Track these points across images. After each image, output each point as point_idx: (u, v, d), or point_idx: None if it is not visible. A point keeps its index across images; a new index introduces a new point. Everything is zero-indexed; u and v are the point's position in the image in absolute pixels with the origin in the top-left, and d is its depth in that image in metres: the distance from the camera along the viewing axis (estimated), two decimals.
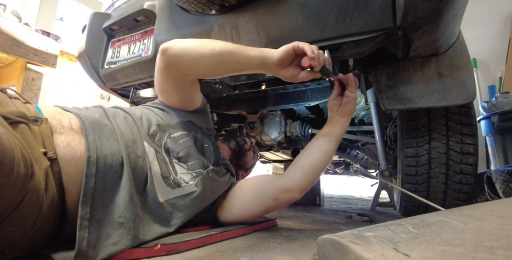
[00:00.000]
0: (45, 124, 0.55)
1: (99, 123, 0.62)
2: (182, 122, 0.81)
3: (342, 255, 0.35)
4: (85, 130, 0.58)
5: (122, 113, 0.72)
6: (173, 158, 0.72)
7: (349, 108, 0.83)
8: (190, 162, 0.75)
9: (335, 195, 3.17)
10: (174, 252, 0.58)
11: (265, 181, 0.84)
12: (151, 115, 0.77)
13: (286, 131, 1.39)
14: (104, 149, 0.58)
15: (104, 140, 0.60)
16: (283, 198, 0.80)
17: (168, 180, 0.68)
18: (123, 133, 0.65)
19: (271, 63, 0.69)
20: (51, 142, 0.53)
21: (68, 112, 0.63)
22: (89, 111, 0.67)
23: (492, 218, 0.40)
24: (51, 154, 0.51)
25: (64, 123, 0.58)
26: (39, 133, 0.52)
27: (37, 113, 0.57)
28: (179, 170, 0.72)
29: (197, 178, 0.74)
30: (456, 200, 0.96)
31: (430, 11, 0.66)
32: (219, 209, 0.82)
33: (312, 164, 0.82)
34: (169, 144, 0.73)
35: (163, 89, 0.84)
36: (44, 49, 2.02)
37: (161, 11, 1.06)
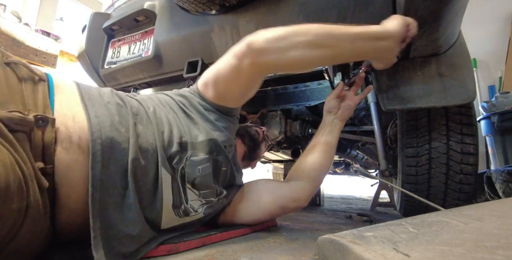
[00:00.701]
0: (50, 128, 0.46)
1: (113, 142, 0.52)
2: (206, 141, 0.67)
3: (342, 255, 0.35)
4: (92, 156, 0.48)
5: (145, 118, 0.61)
6: (187, 183, 0.64)
7: (349, 112, 0.83)
8: (203, 191, 0.67)
9: (335, 195, 3.17)
10: (174, 252, 0.58)
11: (271, 189, 0.82)
12: (175, 126, 0.64)
13: (286, 131, 1.39)
14: (109, 181, 0.50)
15: (112, 168, 0.51)
16: (291, 206, 0.80)
17: (178, 210, 0.62)
18: (138, 154, 0.54)
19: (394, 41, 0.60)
20: (52, 153, 0.46)
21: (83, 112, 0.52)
22: (109, 109, 0.56)
23: (492, 218, 0.40)
24: (49, 169, 0.45)
25: (73, 138, 0.49)
26: (41, 140, 0.45)
27: (47, 106, 0.48)
28: (190, 197, 0.64)
29: (205, 205, 0.69)
30: (456, 200, 0.96)
31: (430, 11, 0.66)
32: (222, 215, 0.80)
33: (317, 172, 0.82)
34: (186, 168, 0.63)
35: (225, 82, 0.69)
36: (44, 49, 2.02)
37: (161, 11, 1.06)
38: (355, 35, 0.60)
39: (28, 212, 0.40)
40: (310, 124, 1.45)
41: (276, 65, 0.65)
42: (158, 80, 1.16)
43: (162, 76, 1.12)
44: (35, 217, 0.42)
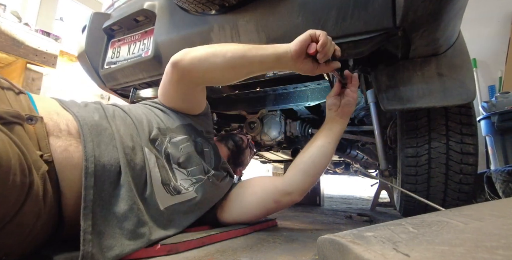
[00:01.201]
0: (40, 124, 0.52)
1: (99, 127, 0.59)
2: (182, 126, 0.78)
3: (342, 255, 0.35)
4: (83, 136, 0.55)
5: (122, 114, 0.69)
6: (173, 163, 0.70)
7: (349, 109, 0.83)
8: (190, 168, 0.73)
9: (335, 195, 3.16)
10: (174, 252, 0.58)
11: (266, 183, 0.84)
12: (152, 117, 0.74)
13: (286, 131, 1.39)
14: (102, 158, 0.55)
15: (103, 147, 0.57)
16: (284, 200, 0.81)
17: (168, 187, 0.67)
18: (123, 138, 0.62)
19: (288, 57, 0.67)
20: (47, 144, 0.50)
21: (66, 111, 0.60)
22: (88, 109, 0.64)
23: (492, 218, 0.40)
24: (47, 156, 0.49)
25: (62, 126, 0.55)
26: (34, 134, 0.50)
27: (32, 110, 0.54)
28: (179, 176, 0.70)
29: (196, 184, 0.73)
30: (456, 200, 0.96)
31: (430, 11, 0.66)
32: (219, 210, 0.82)
33: (313, 166, 0.82)
34: (169, 149, 0.70)
35: (170, 98, 0.81)
36: (44, 49, 2.02)
37: (161, 11, 1.06)
38: (263, 56, 0.69)
39: (30, 192, 0.42)
40: (310, 124, 1.45)
41: (199, 81, 0.76)
42: (158, 80, 1.15)
43: (162, 76, 1.11)
44: (36, 197, 0.44)
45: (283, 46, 0.68)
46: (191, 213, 0.72)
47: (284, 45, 0.68)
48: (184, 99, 0.81)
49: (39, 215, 0.46)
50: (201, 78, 0.75)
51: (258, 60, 0.69)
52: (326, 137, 0.83)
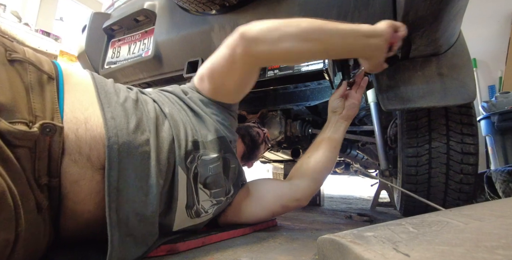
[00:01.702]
0: (58, 137, 0.42)
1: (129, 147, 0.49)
2: (215, 140, 0.68)
3: (342, 255, 0.35)
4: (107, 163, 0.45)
5: (162, 117, 0.60)
6: (199, 183, 0.63)
7: (354, 112, 0.83)
8: (214, 190, 0.66)
9: (335, 195, 3.16)
10: (174, 252, 0.58)
11: (273, 188, 0.83)
12: (188, 126, 0.64)
13: (286, 131, 1.39)
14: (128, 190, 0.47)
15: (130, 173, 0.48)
16: (291, 205, 0.82)
17: (190, 211, 0.62)
18: (160, 157, 0.53)
19: (382, 39, 0.61)
20: (58, 165, 0.42)
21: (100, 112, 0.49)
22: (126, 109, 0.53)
23: (492, 218, 0.40)
24: (55, 182, 0.42)
25: (83, 148, 0.45)
26: (47, 151, 0.41)
27: (55, 110, 0.44)
28: (201, 197, 0.64)
29: (216, 205, 0.69)
30: (457, 200, 0.96)
31: (430, 11, 0.66)
32: (222, 215, 0.80)
33: (319, 172, 0.82)
34: (199, 167, 0.62)
35: (220, 75, 0.69)
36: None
37: (161, 11, 1.06)
38: (346, 31, 0.61)
39: (20, 239, 0.36)
40: (310, 124, 1.45)
41: (268, 56, 0.64)
42: (158, 80, 1.16)
43: (162, 76, 1.12)
44: (30, 237, 0.39)
45: (368, 27, 0.61)
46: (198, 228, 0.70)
47: (369, 26, 0.61)
48: (235, 79, 0.69)
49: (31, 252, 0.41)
50: (269, 53, 0.62)
51: (340, 35, 0.60)
52: (331, 142, 0.83)
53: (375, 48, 0.63)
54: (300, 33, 0.60)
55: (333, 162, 0.83)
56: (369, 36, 0.61)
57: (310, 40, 0.61)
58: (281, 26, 0.60)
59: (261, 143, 1.04)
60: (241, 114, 1.48)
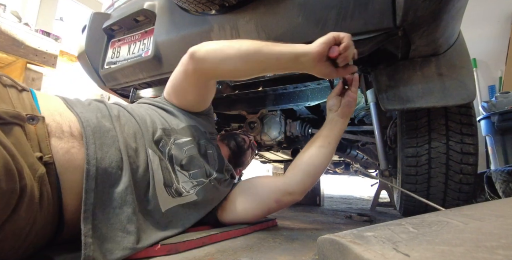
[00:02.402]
0: (41, 124, 0.50)
1: (102, 129, 0.58)
2: (187, 127, 0.77)
3: (342, 255, 0.35)
4: (85, 138, 0.53)
5: (126, 114, 0.68)
6: (176, 165, 0.70)
7: (349, 109, 0.83)
8: (192, 171, 0.72)
9: (335, 195, 3.17)
10: (174, 252, 0.58)
11: (267, 183, 0.85)
12: (156, 117, 0.73)
13: (286, 131, 1.39)
14: (104, 161, 0.54)
15: (105, 149, 0.56)
16: (285, 200, 0.82)
17: (170, 189, 0.67)
18: (126, 139, 0.61)
19: (309, 58, 0.66)
20: (48, 144, 0.49)
21: (70, 110, 0.58)
22: (92, 108, 0.62)
23: (492, 218, 0.40)
24: (47, 158, 0.48)
25: (64, 127, 0.54)
26: (35, 135, 0.48)
27: (34, 109, 0.52)
28: (181, 178, 0.70)
29: (198, 186, 0.73)
30: (456, 200, 0.96)
31: (430, 11, 0.66)
32: (220, 210, 0.83)
33: (313, 166, 0.82)
34: (173, 151, 0.70)
35: (180, 89, 0.80)
36: (44, 49, 2.02)
37: (161, 11, 1.06)
38: (280, 54, 0.68)
39: (23, 197, 0.41)
40: (310, 124, 1.45)
41: (214, 72, 0.75)
42: (158, 80, 1.16)
43: (162, 76, 1.12)
44: (30, 202, 0.43)
45: (302, 46, 0.67)
46: (191, 214, 0.72)
47: (303, 45, 0.67)
48: (195, 92, 0.80)
49: (35, 220, 0.45)
50: (214, 70, 0.73)
51: (274, 57, 0.68)
52: (326, 138, 0.84)
53: (305, 65, 0.69)
54: (239, 56, 0.69)
55: (328, 157, 0.83)
56: (299, 56, 0.67)
57: (248, 61, 0.70)
58: (224, 48, 0.70)
59: (247, 149, 1.08)
60: (241, 114, 1.48)
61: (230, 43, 0.71)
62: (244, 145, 1.07)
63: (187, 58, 0.74)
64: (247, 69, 0.73)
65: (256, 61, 0.69)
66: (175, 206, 0.68)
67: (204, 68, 0.73)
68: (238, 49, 0.68)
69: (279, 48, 0.67)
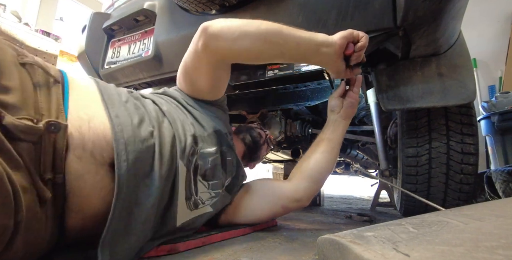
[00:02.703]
0: (62, 134, 0.44)
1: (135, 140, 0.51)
2: (212, 134, 0.71)
3: (342, 255, 0.35)
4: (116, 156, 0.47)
5: (161, 116, 0.62)
6: (199, 175, 0.65)
7: (352, 110, 0.83)
8: (212, 182, 0.68)
9: (335, 195, 3.17)
10: (174, 252, 0.58)
11: (273, 189, 0.83)
12: (186, 123, 0.67)
13: (286, 131, 1.39)
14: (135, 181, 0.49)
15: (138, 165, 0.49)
16: (292, 206, 0.82)
17: (189, 202, 0.63)
18: (163, 152, 0.55)
19: (332, 50, 0.63)
20: (62, 161, 0.43)
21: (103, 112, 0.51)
22: (128, 109, 0.55)
23: (492, 218, 0.40)
24: (58, 178, 0.43)
25: (87, 145, 0.46)
26: (52, 148, 0.42)
27: (60, 111, 0.45)
28: (200, 189, 0.65)
29: (214, 198, 0.70)
30: (456, 200, 0.96)
31: (430, 11, 0.66)
32: (223, 214, 0.80)
33: (319, 172, 0.83)
34: (199, 160, 0.64)
35: (191, 72, 0.73)
36: (44, 49, 2.02)
37: (161, 11, 1.06)
38: (300, 38, 0.64)
39: (20, 228, 0.37)
40: (310, 124, 1.45)
41: (227, 52, 0.68)
42: (158, 80, 1.16)
43: (162, 76, 1.12)
44: (31, 229, 0.39)
45: (322, 35, 0.64)
46: (199, 224, 0.70)
47: (323, 35, 0.64)
48: (205, 76, 0.73)
49: (31, 247, 0.41)
50: (229, 49, 0.66)
51: (295, 42, 0.64)
52: (330, 141, 0.83)
53: (325, 57, 0.66)
54: (259, 34, 0.63)
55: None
56: (321, 46, 0.64)
57: (267, 42, 0.64)
58: (242, 25, 0.64)
59: (262, 144, 1.03)
60: (241, 114, 1.48)
61: (247, 21, 0.65)
62: (260, 140, 1.02)
63: (199, 34, 0.67)
64: (264, 51, 0.67)
65: (275, 42, 0.64)
66: (190, 219, 0.65)
67: (217, 46, 0.66)
68: (257, 27, 0.63)
69: (301, 33, 0.64)
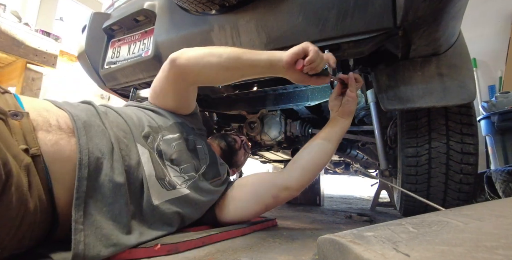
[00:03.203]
0: (26, 119, 0.50)
1: (92, 123, 0.59)
2: (174, 124, 0.79)
3: (342, 255, 0.35)
4: (77, 130, 0.54)
5: (114, 113, 0.70)
6: (166, 160, 0.71)
7: (349, 108, 0.83)
8: (182, 165, 0.73)
9: (335, 195, 3.17)
10: (174, 252, 0.58)
11: (264, 179, 0.85)
12: (143, 116, 0.75)
13: (286, 131, 1.39)
14: (96, 151, 0.55)
15: (97, 141, 0.57)
16: (282, 195, 0.82)
17: (163, 182, 0.67)
18: (116, 134, 0.62)
19: (280, 65, 0.69)
20: (34, 137, 0.49)
21: (58, 108, 0.59)
22: (80, 108, 0.63)
23: (492, 218, 0.40)
24: (34, 150, 0.48)
25: (52, 121, 0.54)
26: (20, 129, 0.48)
27: (17, 106, 0.52)
28: (172, 173, 0.70)
29: (189, 181, 0.74)
30: (456, 200, 0.96)
31: (430, 11, 0.66)
32: (218, 210, 0.82)
33: (312, 162, 0.83)
34: (161, 146, 0.71)
35: (161, 94, 0.83)
36: (44, 49, 2.02)
37: (161, 11, 1.06)
38: (257, 60, 0.71)
39: (8, 182, 0.41)
40: (310, 124, 1.45)
41: (195, 80, 0.78)
42: None
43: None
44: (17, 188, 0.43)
45: (277, 54, 0.70)
46: (189, 208, 0.72)
47: (279, 53, 0.70)
48: (176, 97, 0.83)
49: (26, 209, 0.45)
50: (196, 77, 0.77)
51: (251, 64, 0.72)
52: (326, 135, 0.84)
53: (278, 71, 0.72)
54: (221, 64, 0.72)
55: (328, 154, 0.84)
56: (273, 63, 0.71)
57: (228, 69, 0.73)
58: (205, 56, 0.73)
59: (238, 149, 1.09)
60: (241, 114, 1.48)
61: (210, 50, 0.74)
62: (235, 145, 1.08)
63: (168, 64, 0.76)
64: (226, 76, 0.76)
65: (235, 68, 0.73)
66: (170, 200, 0.68)
67: (185, 75, 0.76)
68: (219, 56, 0.71)
69: (257, 56, 0.71)
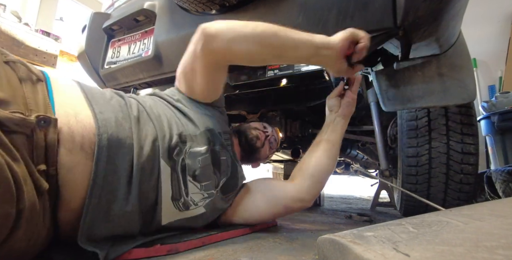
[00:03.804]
0: (53, 129, 0.45)
1: (119, 136, 0.53)
2: (203, 133, 0.70)
3: (342, 255, 0.35)
4: (97, 151, 0.49)
5: (145, 115, 0.62)
6: (188, 175, 0.64)
7: (350, 109, 0.83)
8: (204, 182, 0.67)
9: (335, 195, 3.17)
10: (174, 252, 0.58)
11: (275, 188, 0.82)
12: (173, 121, 0.66)
13: (286, 131, 1.39)
14: (113, 179, 0.51)
15: (117, 162, 0.51)
16: (295, 207, 0.81)
17: (177, 203, 0.62)
18: (142, 148, 0.56)
19: (332, 52, 0.63)
20: (55, 155, 0.45)
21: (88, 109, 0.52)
22: (113, 105, 0.57)
23: (492, 218, 0.40)
24: (52, 170, 0.45)
25: (76, 138, 0.48)
26: (43, 141, 0.44)
27: (47, 105, 0.47)
28: (191, 190, 0.65)
29: (207, 199, 0.69)
30: (457, 200, 0.96)
31: (430, 11, 0.66)
32: (222, 215, 0.80)
33: (321, 171, 0.82)
34: (187, 160, 0.64)
35: (189, 73, 0.74)
36: (44, 49, 2.02)
37: (161, 11, 1.06)
38: (299, 41, 0.63)
39: (23, 216, 0.38)
40: (310, 124, 1.45)
41: (224, 53, 0.68)
42: (158, 80, 1.16)
43: (162, 76, 1.12)
44: (32, 219, 0.41)
45: (322, 38, 0.63)
46: (194, 225, 0.70)
47: (324, 37, 0.63)
48: (202, 77, 0.72)
49: (32, 237, 0.43)
50: (226, 51, 0.67)
51: (292, 45, 0.63)
52: (330, 140, 0.83)
53: (326, 59, 0.65)
54: (254, 36, 0.63)
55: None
56: (320, 48, 0.63)
57: (263, 44, 0.64)
58: (238, 26, 0.64)
59: (261, 146, 0.97)
60: (241, 114, 1.48)
61: (245, 22, 0.65)
62: (256, 142, 0.95)
63: (198, 34, 0.67)
64: (259, 53, 0.67)
65: (271, 45, 0.64)
66: (179, 220, 0.65)
67: (214, 47, 0.66)
68: (253, 29, 0.63)
69: (299, 35, 0.63)
